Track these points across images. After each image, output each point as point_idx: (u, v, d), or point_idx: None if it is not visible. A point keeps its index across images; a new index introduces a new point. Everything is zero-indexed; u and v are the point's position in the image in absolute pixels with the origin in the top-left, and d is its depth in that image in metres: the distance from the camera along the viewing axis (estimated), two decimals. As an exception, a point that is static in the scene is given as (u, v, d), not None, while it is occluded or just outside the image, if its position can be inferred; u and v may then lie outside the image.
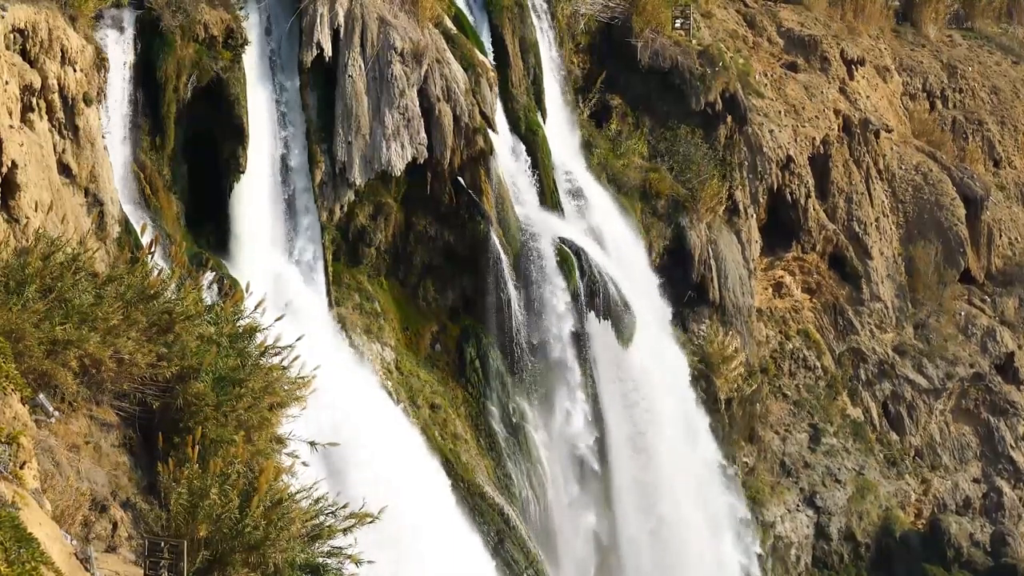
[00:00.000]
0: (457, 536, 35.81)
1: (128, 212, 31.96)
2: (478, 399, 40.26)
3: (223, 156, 35.41)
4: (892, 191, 58.96)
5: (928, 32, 67.62)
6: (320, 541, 19.03)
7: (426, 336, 40.49)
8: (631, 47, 49.23)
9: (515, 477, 39.90)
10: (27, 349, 17.63)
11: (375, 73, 37.92)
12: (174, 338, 19.56)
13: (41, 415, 17.48)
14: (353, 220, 38.71)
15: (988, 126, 65.35)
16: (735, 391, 48.97)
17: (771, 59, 57.86)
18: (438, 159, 38.79)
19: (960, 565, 53.47)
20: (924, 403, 55.91)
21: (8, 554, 12.79)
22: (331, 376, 24.63)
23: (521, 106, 43.56)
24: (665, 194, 47.94)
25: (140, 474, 19.11)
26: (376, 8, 38.29)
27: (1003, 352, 58.33)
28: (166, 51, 33.80)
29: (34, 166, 27.09)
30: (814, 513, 51.37)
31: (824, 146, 55.36)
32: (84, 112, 30.03)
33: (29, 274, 18.50)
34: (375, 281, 39.53)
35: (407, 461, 35.35)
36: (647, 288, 45.75)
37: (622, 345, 42.64)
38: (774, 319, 54.00)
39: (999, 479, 56.34)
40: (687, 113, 49.81)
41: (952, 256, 58.63)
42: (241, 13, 36.00)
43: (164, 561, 16.94)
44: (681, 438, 44.98)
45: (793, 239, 53.94)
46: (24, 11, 28.28)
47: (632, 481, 43.28)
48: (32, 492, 15.03)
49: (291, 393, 20.72)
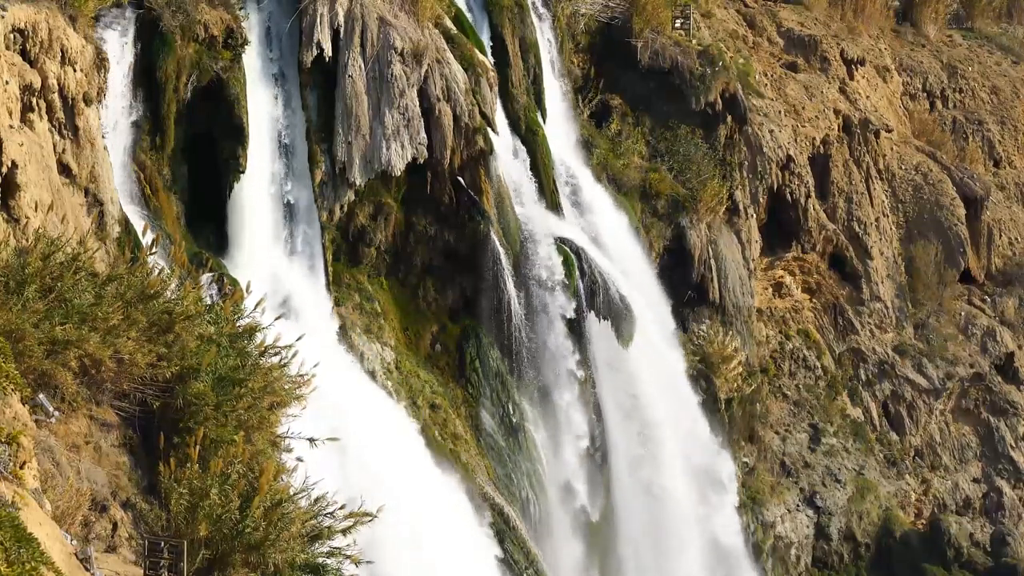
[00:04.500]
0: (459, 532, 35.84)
1: (128, 212, 31.96)
2: (478, 399, 40.27)
3: (223, 156, 35.41)
4: (892, 191, 58.96)
5: (928, 32, 67.61)
6: (320, 541, 19.03)
7: (426, 336, 40.49)
8: (631, 47, 49.23)
9: (515, 477, 39.90)
10: (27, 349, 17.62)
11: (375, 73, 37.93)
12: (174, 338, 19.55)
13: (41, 415, 17.48)
14: (353, 220, 38.71)
15: (988, 126, 65.35)
16: (735, 391, 48.97)
17: (771, 59, 57.85)
18: (438, 159, 38.79)
19: (960, 565, 53.46)
20: (924, 403, 55.91)
21: (8, 554, 12.79)
22: (331, 376, 24.63)
23: (521, 106, 43.57)
24: (665, 194, 47.95)
25: (140, 474, 19.10)
26: (376, 8, 38.29)
27: (1003, 352, 58.32)
28: (166, 51, 33.80)
29: (34, 166, 27.09)
30: (814, 513, 51.37)
31: (824, 146, 55.36)
32: (84, 112, 30.02)
33: (29, 274, 18.49)
34: (375, 281, 39.53)
35: (407, 461, 35.36)
36: (647, 288, 45.76)
37: (622, 345, 42.66)
38: (774, 319, 54.00)
39: (999, 479, 56.33)
40: (687, 113, 49.82)
41: (952, 256, 58.62)
42: (241, 13, 36.00)
43: (164, 561, 16.93)
44: (681, 438, 45.00)
45: (793, 239, 53.93)
46: (24, 11, 28.27)
47: (632, 479, 43.30)
48: (32, 492, 15.03)
49: (291, 392, 20.72)
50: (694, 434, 45.78)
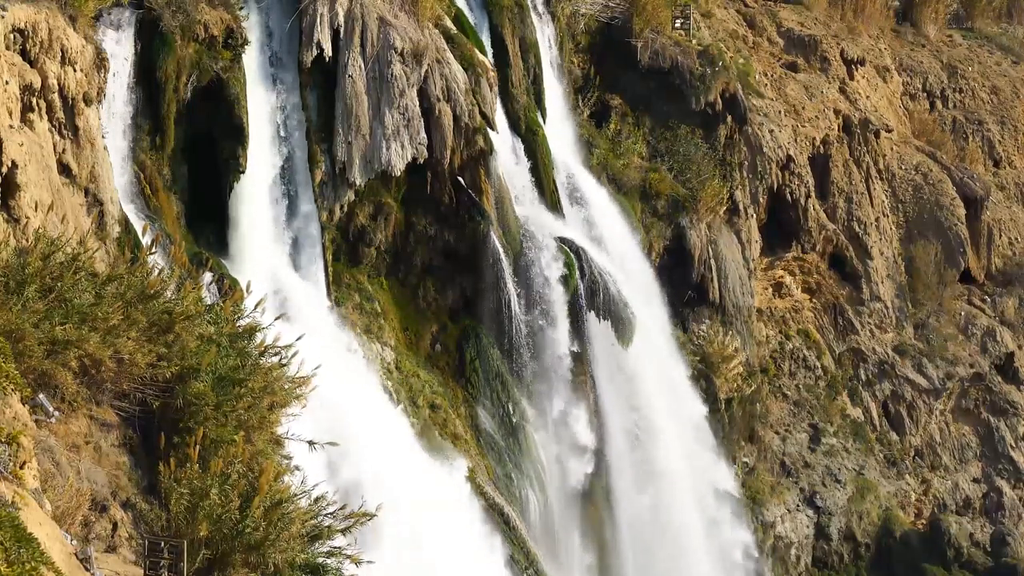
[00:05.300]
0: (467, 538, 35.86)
1: (128, 212, 31.97)
2: (478, 399, 40.28)
3: (223, 156, 35.41)
4: (892, 191, 58.96)
5: (928, 32, 67.62)
6: (320, 541, 19.03)
7: (426, 336, 40.49)
8: (631, 47, 49.24)
9: (515, 477, 39.90)
10: (27, 349, 17.61)
11: (375, 73, 37.93)
12: (174, 338, 19.53)
13: (41, 415, 17.47)
14: (353, 220, 38.71)
15: (988, 126, 65.36)
16: (735, 391, 48.98)
17: (771, 59, 57.86)
18: (438, 159, 38.79)
19: (960, 565, 53.47)
20: (924, 403, 55.91)
21: (8, 554, 12.79)
22: (331, 376, 24.61)
23: (521, 106, 43.57)
24: (665, 194, 47.95)
25: (140, 474, 19.09)
26: (376, 8, 38.29)
27: (1003, 352, 58.33)
28: (166, 51, 33.81)
29: (34, 166, 27.09)
30: (814, 513, 51.37)
31: (824, 146, 55.37)
32: (84, 112, 30.02)
33: (29, 274, 18.48)
34: (375, 281, 39.54)
35: (406, 460, 35.36)
36: (647, 288, 45.77)
37: (622, 345, 42.65)
38: (774, 319, 54.00)
39: (999, 479, 56.33)
40: (687, 113, 49.83)
41: (952, 256, 58.62)
42: (241, 13, 36.00)
43: (164, 561, 16.93)
44: (681, 438, 44.99)
45: (793, 239, 53.94)
46: (24, 11, 28.28)
47: (632, 480, 43.30)
48: (32, 492, 15.03)
49: (291, 392, 20.71)
50: (694, 435, 45.79)
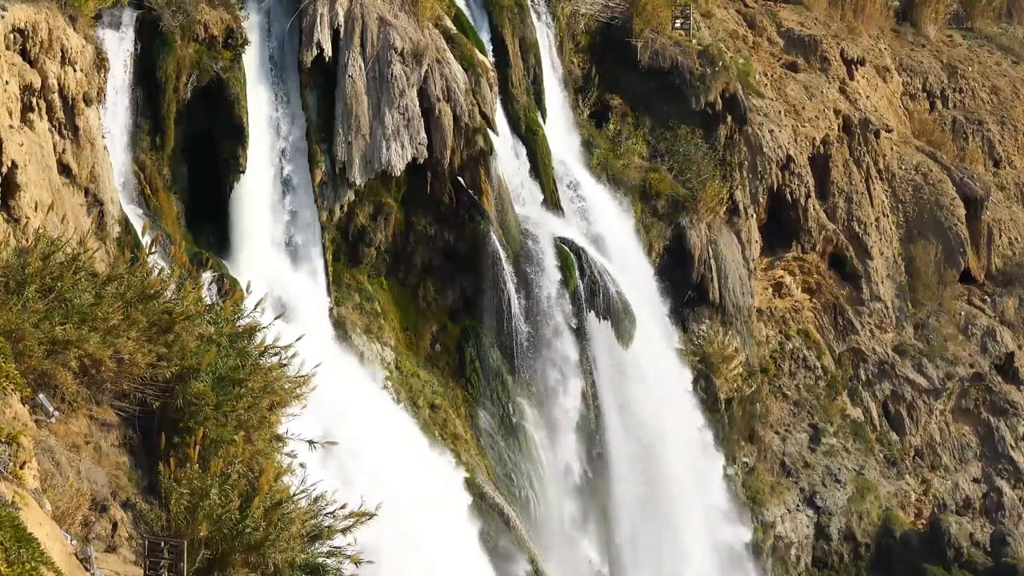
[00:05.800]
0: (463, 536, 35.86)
1: (128, 212, 31.97)
2: (478, 399, 40.28)
3: (223, 156, 35.42)
4: (892, 191, 58.96)
5: (928, 32, 67.61)
6: (320, 541, 19.03)
7: (426, 336, 40.49)
8: (631, 47, 49.23)
9: (515, 477, 39.90)
10: (27, 349, 17.61)
11: (375, 73, 37.93)
12: (174, 338, 19.53)
13: (41, 415, 17.47)
14: (353, 220, 38.71)
15: (988, 126, 65.35)
16: (735, 391, 48.97)
17: (771, 59, 57.85)
18: (438, 159, 38.78)
19: (960, 565, 53.47)
20: (924, 403, 55.91)
21: (8, 554, 12.79)
22: (331, 376, 24.61)
23: (521, 106, 43.57)
24: (665, 194, 47.95)
25: (140, 474, 19.09)
26: (376, 8, 38.29)
27: (1003, 352, 58.33)
28: (166, 51, 33.81)
29: (34, 166, 27.10)
30: (814, 513, 51.37)
31: (824, 146, 55.36)
32: (84, 112, 30.04)
33: (29, 274, 18.48)
34: (375, 281, 39.54)
35: (406, 460, 35.36)
36: (647, 288, 45.76)
37: (622, 345, 42.64)
38: (774, 319, 53.99)
39: (999, 479, 56.33)
40: (687, 113, 49.82)
41: (952, 256, 58.62)
42: (241, 13, 36.02)
43: (164, 561, 16.93)
44: (681, 438, 44.99)
45: (793, 239, 53.93)
46: (24, 11, 28.29)
47: (632, 480, 43.30)
48: (32, 492, 15.03)
49: (291, 392, 20.71)
50: (695, 436, 45.79)
